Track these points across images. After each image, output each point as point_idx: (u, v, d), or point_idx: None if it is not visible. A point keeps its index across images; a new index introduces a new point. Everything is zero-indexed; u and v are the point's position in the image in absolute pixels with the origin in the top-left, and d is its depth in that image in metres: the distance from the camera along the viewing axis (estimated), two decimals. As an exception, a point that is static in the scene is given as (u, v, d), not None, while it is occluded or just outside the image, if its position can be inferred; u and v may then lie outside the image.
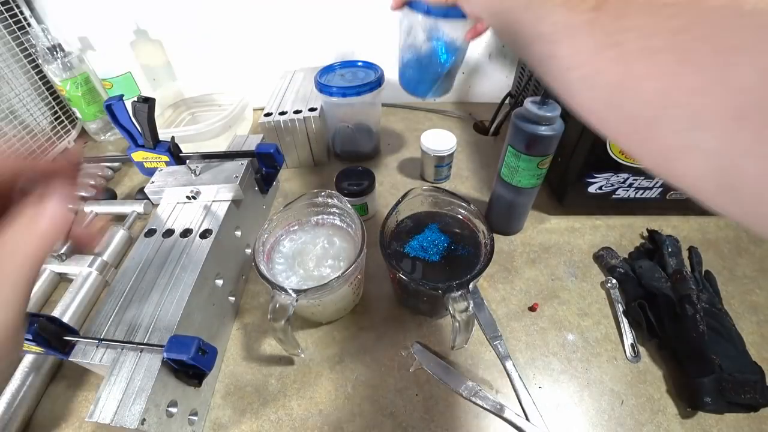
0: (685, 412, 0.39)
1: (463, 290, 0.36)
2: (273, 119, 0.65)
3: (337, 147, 0.74)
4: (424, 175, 0.69)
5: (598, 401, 0.40)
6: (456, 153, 0.75)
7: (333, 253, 0.45)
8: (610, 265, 0.52)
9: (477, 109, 0.86)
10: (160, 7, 0.77)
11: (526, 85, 0.69)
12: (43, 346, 0.35)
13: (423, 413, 0.40)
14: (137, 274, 0.42)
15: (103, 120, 0.81)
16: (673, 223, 0.59)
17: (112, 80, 0.77)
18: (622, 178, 0.53)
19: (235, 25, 0.79)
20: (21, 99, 0.72)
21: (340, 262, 0.44)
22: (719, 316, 0.44)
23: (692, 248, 0.53)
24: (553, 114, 0.44)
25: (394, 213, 0.45)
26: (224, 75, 0.86)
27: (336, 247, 0.46)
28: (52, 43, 0.71)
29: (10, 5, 0.70)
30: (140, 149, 0.51)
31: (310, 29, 0.80)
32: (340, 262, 0.44)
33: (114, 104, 0.47)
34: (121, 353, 0.36)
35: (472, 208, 0.45)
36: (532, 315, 0.48)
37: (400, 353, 0.44)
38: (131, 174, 0.73)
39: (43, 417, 0.41)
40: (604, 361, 0.43)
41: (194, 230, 0.46)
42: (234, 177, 0.50)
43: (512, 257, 0.55)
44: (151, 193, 0.51)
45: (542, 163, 0.47)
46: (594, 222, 0.59)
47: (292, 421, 0.40)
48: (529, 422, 0.39)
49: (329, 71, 0.69)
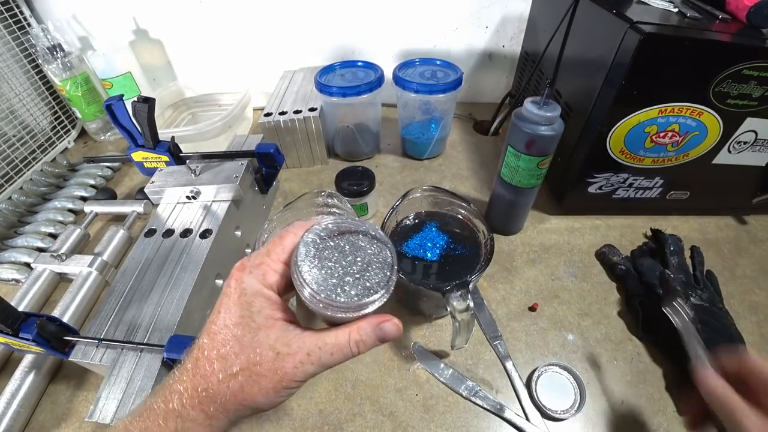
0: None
1: (463, 290, 0.36)
2: (273, 119, 0.65)
3: (337, 147, 0.74)
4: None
5: (598, 401, 0.40)
6: (456, 153, 0.75)
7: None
8: (612, 262, 0.52)
9: (477, 109, 0.86)
10: (160, 7, 0.77)
11: (526, 85, 0.69)
12: (43, 346, 0.35)
13: (423, 413, 0.40)
14: (137, 274, 0.42)
15: (103, 120, 0.81)
16: (673, 223, 0.59)
17: (112, 80, 0.77)
18: (622, 178, 0.53)
19: (235, 25, 0.79)
20: (21, 99, 0.71)
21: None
22: (719, 315, 0.44)
23: (694, 248, 0.54)
24: (553, 114, 0.44)
25: (394, 213, 0.45)
26: (224, 75, 0.86)
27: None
28: (52, 43, 0.71)
29: (10, 5, 0.70)
30: (140, 149, 0.51)
31: (310, 29, 0.80)
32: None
33: (114, 104, 0.48)
34: (121, 353, 0.36)
35: (472, 207, 0.45)
36: (532, 315, 0.48)
37: (400, 353, 0.44)
38: (131, 174, 0.73)
39: (43, 417, 0.41)
40: (604, 361, 0.43)
41: (194, 230, 0.46)
42: (234, 177, 0.50)
43: (512, 257, 0.55)
44: (151, 193, 0.51)
45: (542, 163, 0.47)
46: (594, 222, 0.59)
47: (292, 421, 0.40)
48: (529, 422, 0.39)
49: (329, 71, 0.69)
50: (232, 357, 0.24)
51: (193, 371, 0.24)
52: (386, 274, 0.25)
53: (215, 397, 0.23)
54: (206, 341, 0.24)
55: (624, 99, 0.45)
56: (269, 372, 0.23)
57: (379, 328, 0.26)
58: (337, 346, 0.25)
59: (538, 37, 0.70)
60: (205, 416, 0.24)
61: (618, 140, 0.49)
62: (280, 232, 0.27)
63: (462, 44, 0.82)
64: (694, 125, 0.47)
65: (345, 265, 0.24)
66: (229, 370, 0.24)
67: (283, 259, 0.26)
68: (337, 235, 0.25)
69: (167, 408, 0.24)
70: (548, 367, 0.42)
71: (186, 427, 0.23)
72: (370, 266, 0.25)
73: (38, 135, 0.74)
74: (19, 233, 0.58)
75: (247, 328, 0.24)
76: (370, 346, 0.26)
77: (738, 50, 0.41)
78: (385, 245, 0.26)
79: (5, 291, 0.53)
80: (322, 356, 0.24)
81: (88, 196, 0.66)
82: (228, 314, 0.24)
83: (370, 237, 0.26)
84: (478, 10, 0.77)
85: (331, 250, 0.25)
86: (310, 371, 0.24)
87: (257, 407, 0.24)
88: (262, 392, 0.24)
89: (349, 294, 0.24)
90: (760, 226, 0.59)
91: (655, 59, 0.41)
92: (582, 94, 0.51)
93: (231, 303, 0.25)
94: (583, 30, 0.48)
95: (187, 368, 0.24)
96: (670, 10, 0.47)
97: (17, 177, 0.68)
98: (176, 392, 0.24)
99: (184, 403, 0.24)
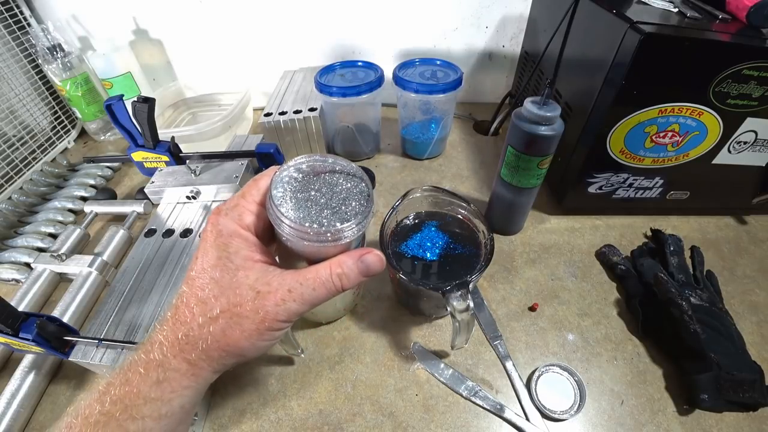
0: (685, 412, 0.39)
1: (463, 290, 0.36)
2: (273, 119, 0.65)
3: (337, 147, 0.74)
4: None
5: (598, 401, 0.40)
6: (456, 153, 0.75)
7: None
8: (612, 262, 0.52)
9: (477, 109, 0.86)
10: (160, 7, 0.77)
11: (526, 85, 0.69)
12: (43, 346, 0.35)
13: (423, 413, 0.40)
14: (137, 274, 0.43)
15: (103, 120, 0.81)
16: (673, 223, 0.59)
17: (112, 80, 0.77)
18: (622, 178, 0.53)
19: (235, 24, 0.79)
20: (21, 99, 0.71)
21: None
22: (719, 316, 0.44)
23: (694, 248, 0.54)
24: (553, 114, 0.44)
25: (394, 213, 0.45)
26: (224, 75, 0.86)
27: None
28: (52, 43, 0.71)
29: (10, 5, 0.70)
30: (140, 149, 0.51)
31: (310, 29, 0.80)
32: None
33: (114, 104, 0.48)
34: (121, 353, 0.36)
35: (472, 208, 0.45)
36: (532, 315, 0.48)
37: (400, 353, 0.44)
38: (131, 174, 0.73)
39: (43, 417, 0.41)
40: (604, 361, 0.43)
41: (194, 230, 0.46)
42: (234, 177, 0.50)
43: (512, 257, 0.55)
44: (151, 193, 0.51)
45: (542, 163, 0.47)
46: (594, 222, 0.59)
47: (292, 421, 0.40)
48: (529, 422, 0.39)
49: (329, 71, 0.69)
50: (211, 300, 0.23)
51: (173, 319, 0.23)
52: (362, 204, 0.24)
53: (196, 342, 0.23)
54: (185, 289, 0.24)
55: (624, 99, 0.45)
56: (251, 312, 0.23)
57: (361, 260, 0.25)
58: (318, 280, 0.24)
59: (538, 37, 0.70)
60: (187, 365, 0.23)
61: (618, 140, 0.49)
62: (255, 176, 0.26)
63: (462, 44, 0.82)
64: (694, 125, 0.47)
65: (322, 202, 0.24)
66: (209, 313, 0.23)
67: (258, 200, 0.25)
68: (313, 175, 0.25)
69: (148, 358, 0.23)
70: (548, 368, 0.42)
71: (168, 377, 0.23)
72: (347, 200, 0.25)
73: (38, 135, 0.74)
74: (19, 233, 0.58)
75: (225, 269, 0.23)
76: (354, 281, 0.25)
77: (738, 50, 0.41)
78: (361, 179, 0.26)
79: (5, 291, 0.53)
80: (304, 292, 0.24)
81: (88, 196, 0.65)
82: (205, 257, 0.24)
83: (345, 174, 0.26)
84: (478, 10, 0.77)
85: (306, 188, 0.25)
86: (293, 309, 0.23)
87: (241, 353, 0.24)
88: (244, 335, 0.23)
89: (325, 224, 0.23)
90: (760, 226, 0.59)
91: (655, 59, 0.41)
92: (582, 94, 0.51)
93: (208, 246, 0.24)
94: (583, 30, 0.48)
95: (167, 317, 0.24)
96: (670, 10, 0.47)
97: (17, 177, 0.68)
98: (156, 341, 0.23)
99: (165, 351, 0.23)
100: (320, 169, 0.26)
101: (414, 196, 0.46)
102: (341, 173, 0.26)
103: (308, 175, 0.25)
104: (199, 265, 0.24)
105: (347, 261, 0.25)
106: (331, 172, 0.26)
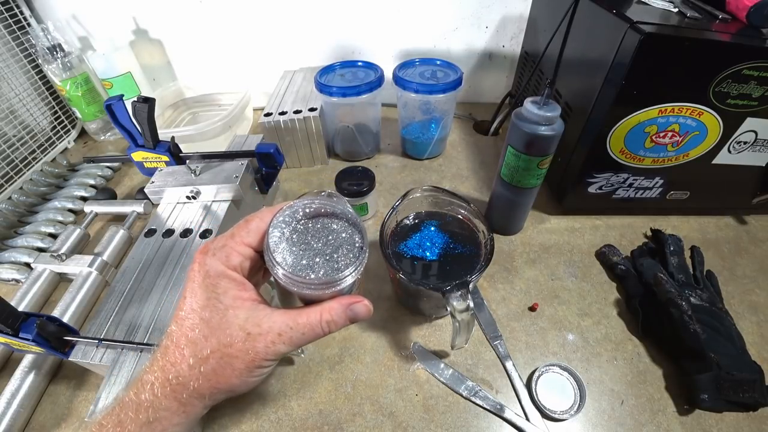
0: (685, 412, 0.39)
1: (463, 290, 0.36)
2: (273, 119, 0.65)
3: (337, 147, 0.74)
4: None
5: (598, 401, 0.40)
6: (456, 153, 0.75)
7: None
8: (612, 262, 0.52)
9: (477, 109, 0.86)
10: (160, 7, 0.77)
11: (526, 85, 0.69)
12: (43, 346, 0.35)
13: (423, 413, 0.40)
14: (137, 274, 0.42)
15: (103, 120, 0.81)
16: (673, 223, 0.59)
17: (112, 80, 0.77)
18: (622, 178, 0.53)
19: (235, 24, 0.79)
20: (21, 99, 0.71)
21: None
22: (719, 316, 0.44)
23: (694, 248, 0.54)
24: (553, 114, 0.44)
25: (394, 213, 0.45)
26: (224, 75, 0.86)
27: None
28: (52, 43, 0.71)
29: (10, 5, 0.70)
30: (140, 149, 0.51)
31: (310, 29, 0.80)
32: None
33: (114, 104, 0.48)
34: (121, 353, 0.36)
35: (472, 207, 0.45)
36: (532, 315, 0.48)
37: (400, 353, 0.44)
38: (131, 174, 0.73)
39: (43, 417, 0.41)
40: (604, 361, 0.43)
41: (194, 230, 0.46)
42: (234, 177, 0.50)
43: (512, 257, 0.55)
44: (151, 193, 0.51)
45: (542, 163, 0.47)
46: (594, 222, 0.59)
47: (292, 421, 0.40)
48: (529, 422, 0.39)
49: (329, 71, 0.69)
50: (201, 341, 0.23)
51: (162, 360, 0.24)
52: (356, 254, 0.25)
53: (187, 383, 0.23)
54: (174, 328, 0.24)
55: (624, 99, 0.45)
56: (241, 352, 0.23)
57: (350, 308, 0.26)
58: (308, 326, 0.25)
59: (538, 37, 0.70)
60: (178, 404, 0.23)
61: (618, 140, 0.49)
62: (247, 216, 0.27)
63: (462, 44, 0.82)
64: (694, 125, 0.47)
65: (316, 248, 0.25)
66: (199, 354, 0.23)
67: (247, 242, 0.25)
68: (311, 218, 0.26)
69: (139, 400, 0.23)
70: (548, 367, 0.42)
71: (159, 416, 0.23)
72: (340, 248, 0.25)
73: (38, 135, 0.74)
74: (19, 233, 0.58)
75: (214, 309, 0.24)
76: (341, 326, 0.26)
77: (738, 50, 0.41)
78: (356, 228, 0.26)
79: (5, 291, 0.53)
80: (294, 336, 0.24)
81: (88, 196, 0.66)
82: (194, 298, 0.24)
83: (342, 220, 0.27)
84: (478, 10, 0.77)
85: (302, 233, 0.25)
86: (282, 350, 0.24)
87: (231, 389, 0.24)
88: (235, 373, 0.23)
89: (318, 273, 0.24)
90: (760, 226, 0.59)
91: (655, 59, 0.41)
92: (582, 94, 0.51)
93: (196, 286, 0.24)
94: (583, 30, 0.48)
95: (157, 358, 0.24)
96: (670, 10, 0.47)
97: (17, 177, 0.68)
98: (147, 383, 0.24)
99: (156, 392, 0.23)
100: (317, 212, 0.26)
101: (414, 196, 0.46)
102: (338, 218, 0.27)
103: (305, 216, 0.26)
104: (188, 305, 0.24)
105: (337, 308, 0.26)
106: (328, 215, 0.27)
